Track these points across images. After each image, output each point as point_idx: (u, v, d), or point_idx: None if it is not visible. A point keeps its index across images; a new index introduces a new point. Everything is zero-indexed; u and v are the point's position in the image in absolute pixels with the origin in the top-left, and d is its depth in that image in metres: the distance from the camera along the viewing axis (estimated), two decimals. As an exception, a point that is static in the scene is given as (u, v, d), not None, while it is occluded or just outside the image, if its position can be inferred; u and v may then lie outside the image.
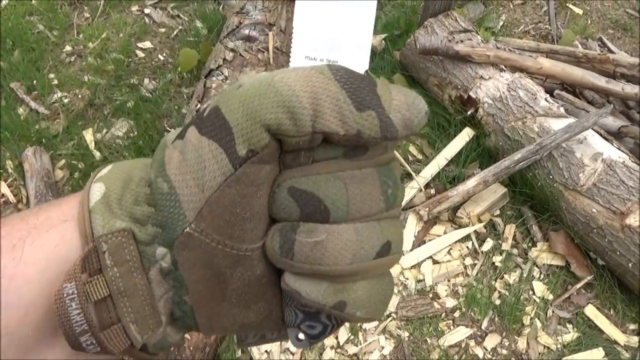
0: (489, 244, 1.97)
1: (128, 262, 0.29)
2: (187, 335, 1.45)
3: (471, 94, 2.15)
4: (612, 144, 1.90)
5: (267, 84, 0.28)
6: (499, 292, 1.86)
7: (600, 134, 1.94)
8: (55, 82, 2.47)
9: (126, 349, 0.29)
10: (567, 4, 3.07)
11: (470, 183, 1.92)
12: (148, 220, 0.29)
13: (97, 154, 2.21)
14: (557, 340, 1.76)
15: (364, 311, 0.29)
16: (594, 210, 1.78)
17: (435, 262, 1.93)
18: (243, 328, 0.32)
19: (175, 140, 0.30)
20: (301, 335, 0.32)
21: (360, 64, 0.34)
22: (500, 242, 1.98)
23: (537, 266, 1.93)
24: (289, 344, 1.69)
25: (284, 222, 0.29)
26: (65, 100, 2.40)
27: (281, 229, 0.29)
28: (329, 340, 1.71)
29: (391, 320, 1.77)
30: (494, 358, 1.72)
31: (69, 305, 0.27)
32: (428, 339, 1.74)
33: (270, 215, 0.30)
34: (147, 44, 2.69)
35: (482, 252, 1.96)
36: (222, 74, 2.02)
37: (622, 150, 1.86)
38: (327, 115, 0.27)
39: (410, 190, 2.05)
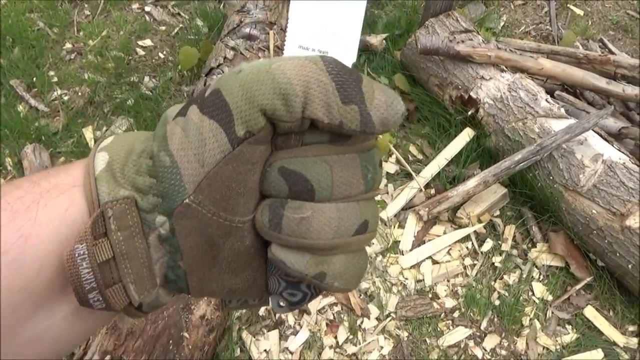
0: (488, 244, 1.97)
1: (130, 227, 0.31)
2: (186, 334, 1.45)
3: (472, 94, 2.15)
4: (613, 145, 1.89)
5: (265, 70, 0.30)
6: (499, 292, 1.86)
7: (601, 135, 1.94)
8: (55, 79, 2.46)
9: (125, 306, 0.32)
10: (568, 5, 3.07)
11: (471, 183, 1.92)
12: (149, 190, 0.31)
13: (97, 152, 2.20)
14: (556, 341, 1.76)
15: (341, 282, 0.33)
16: (594, 211, 1.78)
17: (434, 262, 1.93)
18: (230, 293, 0.35)
19: (176, 117, 0.32)
20: (282, 302, 0.35)
21: (348, 56, 0.36)
22: (500, 242, 1.98)
23: (536, 267, 1.93)
24: (288, 344, 1.69)
25: (273, 198, 0.32)
26: (65, 98, 2.39)
27: (270, 205, 0.32)
28: (328, 340, 1.71)
29: (390, 320, 1.77)
30: (493, 358, 1.72)
31: (79, 265, 0.30)
32: (427, 339, 1.74)
33: (261, 192, 0.33)
34: (148, 42, 2.69)
35: (481, 252, 1.96)
36: (223, 72, 2.01)
37: (622, 152, 1.86)
38: (315, 103, 0.30)
39: (410, 190, 2.05)
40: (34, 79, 2.44)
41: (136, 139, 0.34)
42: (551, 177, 1.90)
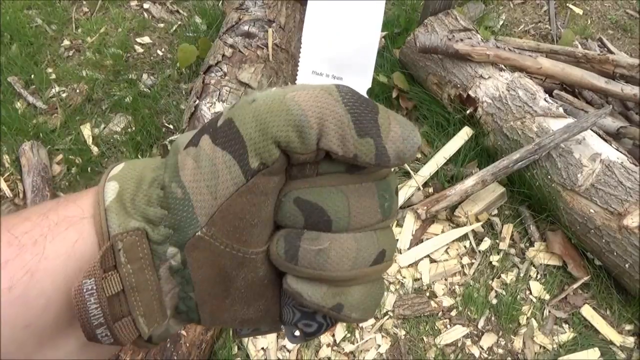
0: (486, 243, 1.97)
1: (140, 259, 0.31)
2: (183, 332, 1.45)
3: (470, 93, 2.15)
4: (611, 145, 1.90)
5: (279, 101, 0.29)
6: (496, 291, 1.86)
7: (599, 135, 1.94)
8: (53, 76, 2.46)
9: (134, 339, 0.31)
10: (567, 4, 3.06)
11: (469, 182, 1.92)
12: (161, 221, 0.31)
13: (95, 149, 2.20)
14: (553, 340, 1.76)
15: (358, 313, 0.32)
16: (591, 210, 1.78)
17: (432, 261, 1.93)
18: (242, 323, 0.35)
19: (188, 147, 0.31)
20: (297, 332, 0.34)
21: (363, 82, 0.35)
22: (497, 241, 1.98)
23: (534, 266, 1.93)
24: (285, 342, 1.69)
25: (288, 229, 0.32)
26: (63, 95, 2.39)
27: (286, 236, 0.31)
28: (326, 338, 1.71)
29: (388, 319, 1.77)
30: (490, 357, 1.72)
31: (87, 300, 0.29)
32: (424, 338, 1.74)
33: (275, 222, 0.32)
34: (146, 39, 2.68)
35: (479, 251, 1.96)
36: (221, 70, 2.01)
37: (620, 151, 1.87)
38: (330, 136, 0.29)
39: (409, 189, 2.05)
40: (32, 76, 2.43)
41: (146, 167, 0.33)
42: (549, 177, 1.90)
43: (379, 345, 1.72)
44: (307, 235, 0.31)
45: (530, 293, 1.87)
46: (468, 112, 2.16)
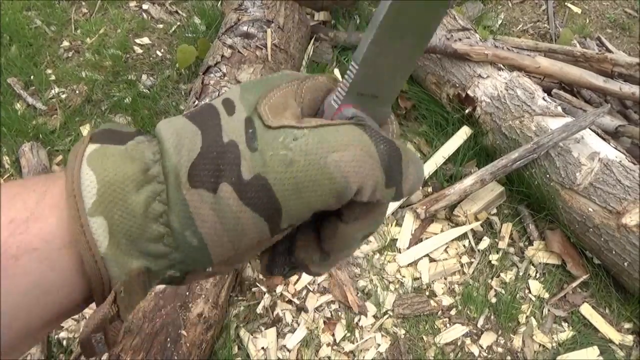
0: (485, 242, 1.98)
1: (137, 287, 0.31)
2: (184, 332, 1.46)
3: (469, 92, 2.15)
4: (609, 144, 1.90)
5: (322, 167, 0.29)
6: (495, 290, 1.87)
7: (598, 134, 1.94)
8: (53, 77, 2.46)
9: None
10: (566, 3, 3.07)
11: (468, 181, 1.93)
12: (165, 256, 0.31)
13: (95, 150, 2.20)
14: (553, 338, 1.76)
15: None
16: (590, 209, 1.78)
17: (432, 260, 1.93)
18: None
19: (198, 188, 0.29)
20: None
21: (387, 107, 0.36)
22: (496, 240, 1.99)
23: (533, 265, 1.93)
24: (286, 342, 1.69)
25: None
26: (63, 96, 2.39)
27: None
28: (326, 338, 1.72)
29: (387, 318, 1.78)
30: (489, 356, 1.72)
31: (96, 346, 0.30)
32: (424, 337, 1.75)
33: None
34: (145, 40, 2.68)
35: (478, 250, 1.96)
36: (220, 70, 2.01)
37: (619, 150, 1.87)
38: (365, 191, 0.31)
39: (408, 189, 2.05)
40: (32, 77, 2.43)
41: (125, 180, 0.29)
42: (548, 175, 1.90)
43: (379, 345, 1.72)
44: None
45: (530, 292, 1.88)
46: (467, 111, 2.17)
